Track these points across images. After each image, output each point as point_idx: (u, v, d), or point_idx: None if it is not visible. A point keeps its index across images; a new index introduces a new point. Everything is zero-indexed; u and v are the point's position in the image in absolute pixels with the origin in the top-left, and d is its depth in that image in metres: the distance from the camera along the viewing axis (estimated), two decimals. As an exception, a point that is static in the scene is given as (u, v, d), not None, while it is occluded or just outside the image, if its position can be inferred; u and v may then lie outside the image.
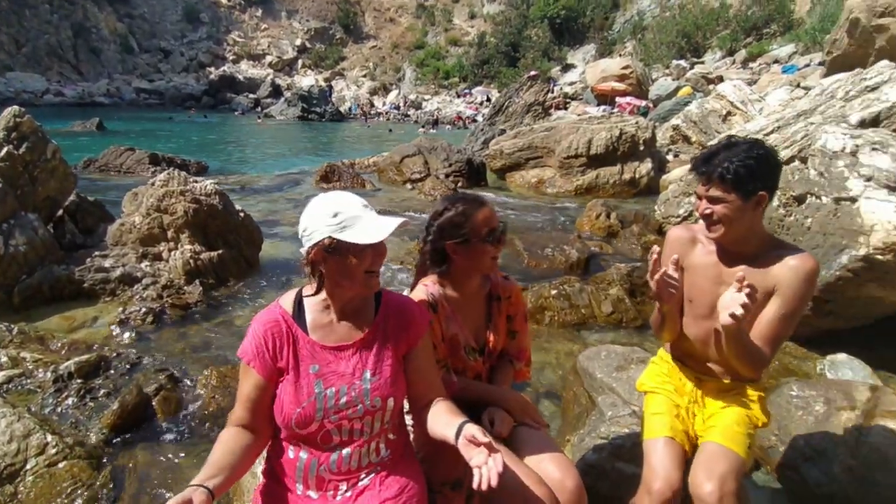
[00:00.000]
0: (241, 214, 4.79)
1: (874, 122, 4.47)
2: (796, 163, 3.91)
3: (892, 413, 2.29)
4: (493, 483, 1.19)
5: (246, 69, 43.30)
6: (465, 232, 1.66)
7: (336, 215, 1.35)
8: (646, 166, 9.42)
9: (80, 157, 10.35)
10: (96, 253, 4.24)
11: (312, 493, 1.43)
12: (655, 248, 1.73)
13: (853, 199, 3.24)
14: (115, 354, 3.04)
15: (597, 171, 9.42)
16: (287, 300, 1.48)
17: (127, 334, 3.43)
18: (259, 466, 1.57)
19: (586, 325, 4.04)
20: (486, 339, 1.84)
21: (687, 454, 1.81)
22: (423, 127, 26.77)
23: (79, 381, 2.69)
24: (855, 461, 2.15)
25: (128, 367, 2.94)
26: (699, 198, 1.73)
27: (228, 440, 1.39)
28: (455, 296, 1.78)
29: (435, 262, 1.75)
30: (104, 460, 2.29)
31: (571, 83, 29.48)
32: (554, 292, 4.16)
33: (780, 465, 2.37)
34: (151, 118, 25.37)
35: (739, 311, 1.52)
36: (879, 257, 3.06)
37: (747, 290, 1.53)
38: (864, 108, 4.55)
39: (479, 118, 22.29)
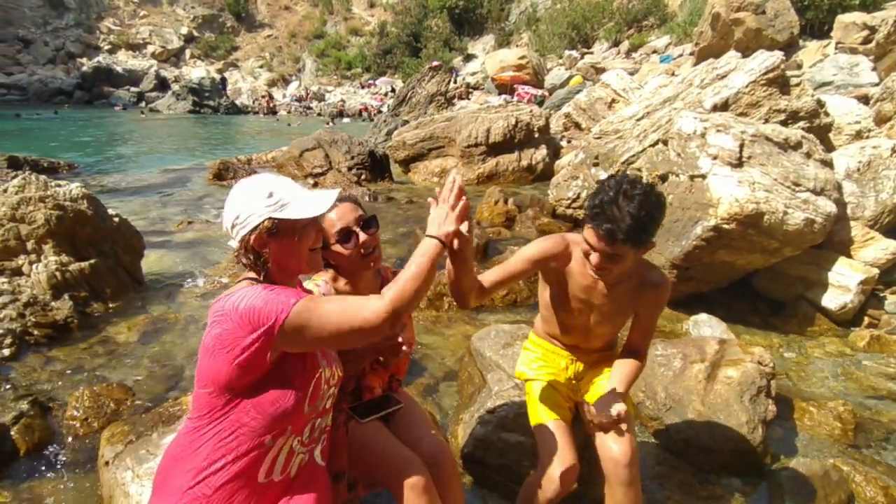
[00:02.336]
0: (116, 219, 4.41)
1: (724, 106, 5.03)
2: (660, 145, 4.30)
3: (734, 361, 2.62)
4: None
5: (125, 60, 39.45)
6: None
7: (271, 195, 1.30)
8: (541, 153, 9.89)
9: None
10: (-63, 272, 3.71)
11: (276, 477, 1.35)
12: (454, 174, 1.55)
13: (703, 176, 3.64)
14: (-37, 385, 2.70)
15: (496, 158, 9.74)
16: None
17: (-20, 361, 3.06)
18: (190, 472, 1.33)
19: (483, 308, 4.19)
20: None
21: (573, 429, 1.94)
22: (331, 120, 25.96)
23: (-85, 418, 2.36)
24: (703, 407, 2.44)
25: (-20, 397, 2.63)
26: (593, 248, 1.67)
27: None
28: (349, 291, 1.78)
29: (325, 268, 1.76)
30: (-50, 503, 2.05)
31: (473, 73, 30.01)
32: (452, 278, 4.27)
33: (647, 416, 2.64)
34: (7, 116, 22.40)
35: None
36: (725, 226, 3.47)
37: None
38: (715, 94, 5.09)
39: (385, 109, 22.10)
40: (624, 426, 1.76)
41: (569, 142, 11.10)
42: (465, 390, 2.88)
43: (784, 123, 4.77)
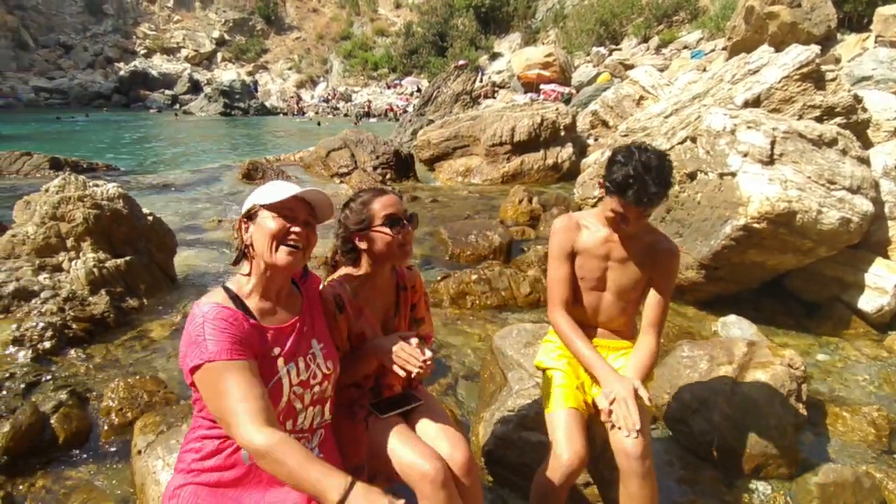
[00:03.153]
0: (150, 218, 4.56)
1: (756, 102, 4.89)
2: (688, 143, 4.22)
3: (763, 364, 2.56)
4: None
5: (160, 64, 40.70)
6: (364, 219, 1.70)
7: (269, 189, 1.44)
8: (567, 151, 9.79)
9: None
10: (-15, 268, 3.90)
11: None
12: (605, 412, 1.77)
13: (733, 174, 3.56)
14: (7, 375, 2.84)
15: (521, 157, 9.68)
16: (218, 297, 1.42)
17: (23, 353, 3.19)
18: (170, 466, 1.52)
19: (506, 306, 4.19)
20: (394, 328, 1.87)
21: (586, 421, 1.95)
22: (357, 120, 26.30)
23: (-36, 406, 2.50)
24: (731, 409, 2.39)
25: (23, 387, 2.75)
26: (623, 217, 1.82)
27: (296, 443, 1.25)
28: (366, 288, 1.80)
29: (345, 254, 1.80)
30: (-5, 486, 2.15)
31: (499, 72, 29.91)
32: (475, 277, 4.28)
33: (671, 418, 2.59)
34: (47, 120, 23.36)
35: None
36: (756, 225, 3.38)
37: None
38: (747, 90, 4.96)
39: (411, 109, 22.21)
40: (635, 416, 1.73)
41: (595, 140, 10.97)
42: (486, 389, 2.89)
43: (819, 120, 4.62)
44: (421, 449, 1.57)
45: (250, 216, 1.44)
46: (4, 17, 37.32)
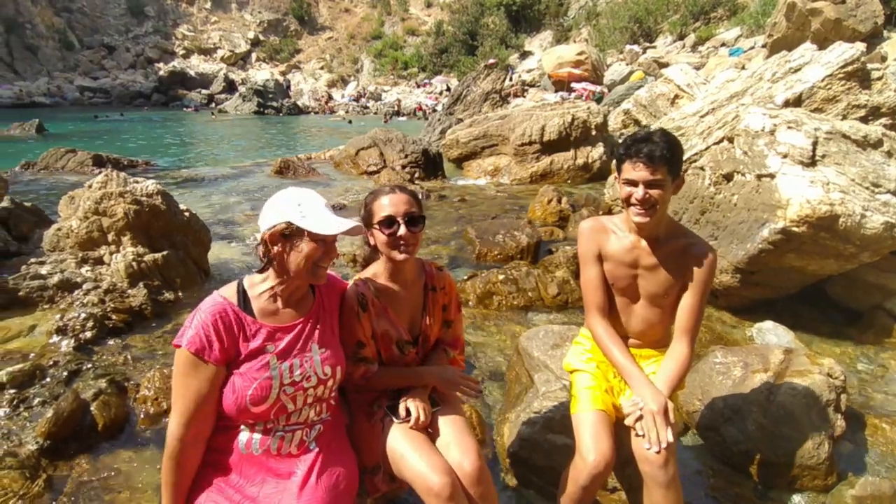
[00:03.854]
0: (187, 214, 4.70)
1: (797, 101, 4.73)
2: (725, 143, 4.10)
3: (800, 372, 2.47)
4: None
5: (197, 64, 41.85)
6: (367, 216, 1.74)
7: (300, 205, 1.45)
8: (598, 151, 9.65)
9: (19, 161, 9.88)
10: (32, 260, 4.09)
11: (255, 451, 1.50)
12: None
13: (772, 176, 3.44)
14: (51, 363, 2.97)
15: (551, 157, 9.59)
16: (229, 291, 1.54)
17: (66, 342, 3.34)
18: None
19: (533, 307, 4.16)
20: (421, 328, 1.87)
21: (614, 424, 1.92)
22: (387, 118, 26.61)
23: (11, 391, 2.62)
24: (765, 419, 2.32)
25: (66, 374, 2.88)
26: (633, 184, 1.80)
27: (188, 465, 1.43)
28: (391, 287, 1.80)
29: (365, 247, 1.83)
30: (39, 470, 2.25)
31: (529, 70, 29.67)
32: (501, 277, 4.26)
33: (703, 426, 2.53)
34: (87, 119, 24.28)
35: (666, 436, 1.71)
36: (795, 229, 3.26)
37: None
38: (787, 88, 4.79)
39: (440, 108, 22.26)
40: (662, 432, 1.70)
41: (627, 140, 10.77)
42: (512, 389, 2.87)
43: (864, 120, 4.43)
44: (430, 459, 1.55)
45: (286, 235, 1.45)
46: (52, 20, 38.99)
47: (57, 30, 38.97)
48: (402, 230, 1.68)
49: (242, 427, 1.50)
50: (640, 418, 1.74)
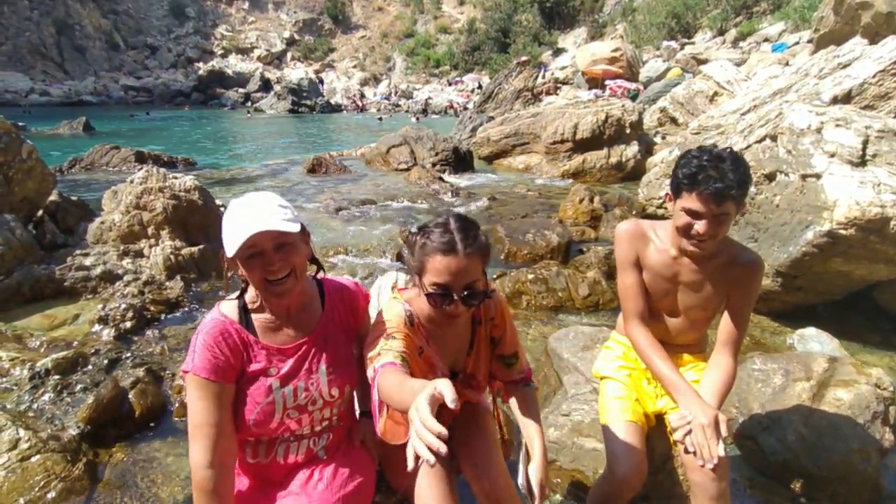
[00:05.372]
0: (222, 209, 4.82)
1: (846, 98, 4.51)
2: (767, 141, 3.95)
3: (845, 382, 2.35)
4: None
5: (235, 63, 42.92)
6: (416, 268, 1.45)
7: (227, 224, 1.34)
8: (632, 149, 9.45)
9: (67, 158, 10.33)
10: (77, 252, 4.27)
11: (262, 460, 1.49)
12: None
13: (818, 176, 3.29)
14: (93, 351, 3.08)
15: (583, 155, 9.45)
16: (229, 308, 1.43)
17: (107, 331, 3.47)
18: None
19: (563, 308, 4.10)
20: (464, 366, 1.65)
21: (646, 435, 1.86)
22: (417, 116, 26.81)
23: (56, 377, 2.73)
24: (807, 429, 2.22)
25: (106, 362, 2.98)
26: (695, 215, 1.64)
27: (223, 493, 1.34)
28: (434, 318, 1.50)
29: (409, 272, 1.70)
30: (80, 454, 2.34)
31: (563, 68, 29.24)
32: (531, 276, 4.21)
33: (739, 435, 2.44)
34: (123, 118, 25.19)
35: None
36: (842, 232, 3.11)
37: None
38: (836, 84, 4.58)
39: (471, 106, 22.20)
40: (714, 447, 1.61)
41: (663, 138, 10.51)
42: (540, 391, 2.83)
43: (921, 117, 4.19)
44: (442, 501, 1.41)
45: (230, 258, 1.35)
46: (99, 21, 40.60)
47: (104, 31, 40.58)
48: (457, 307, 1.40)
49: (249, 448, 1.48)
50: (689, 432, 1.65)
